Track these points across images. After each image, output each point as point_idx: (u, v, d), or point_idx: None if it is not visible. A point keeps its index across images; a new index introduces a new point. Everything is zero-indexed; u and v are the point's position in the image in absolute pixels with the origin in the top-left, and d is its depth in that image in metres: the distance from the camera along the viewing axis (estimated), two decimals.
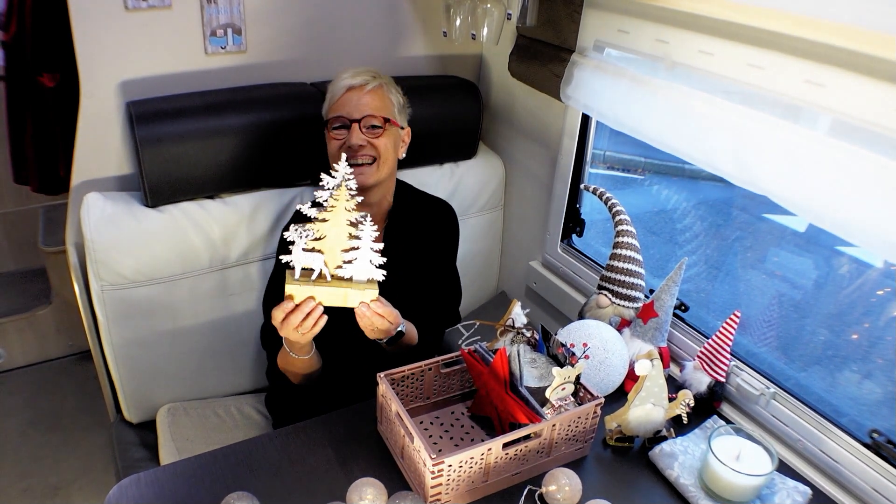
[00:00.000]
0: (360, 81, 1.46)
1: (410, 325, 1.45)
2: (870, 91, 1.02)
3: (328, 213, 1.15)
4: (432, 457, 1.07)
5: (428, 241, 1.60)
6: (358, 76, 1.46)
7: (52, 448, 2.34)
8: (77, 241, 1.64)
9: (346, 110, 1.45)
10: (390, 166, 1.50)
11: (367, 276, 1.20)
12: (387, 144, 1.46)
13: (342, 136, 1.46)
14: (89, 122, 1.59)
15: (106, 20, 1.52)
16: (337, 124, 1.46)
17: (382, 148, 1.46)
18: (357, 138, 1.44)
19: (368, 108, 1.45)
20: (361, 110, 1.45)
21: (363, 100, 1.45)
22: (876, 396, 1.36)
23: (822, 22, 1.04)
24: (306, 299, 1.18)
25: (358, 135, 1.44)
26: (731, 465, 1.16)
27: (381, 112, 1.46)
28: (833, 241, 1.51)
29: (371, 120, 1.45)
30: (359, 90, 1.45)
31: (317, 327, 1.22)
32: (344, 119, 1.45)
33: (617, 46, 1.51)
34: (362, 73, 1.47)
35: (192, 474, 1.20)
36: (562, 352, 1.26)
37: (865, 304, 1.47)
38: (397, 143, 1.52)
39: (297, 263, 1.17)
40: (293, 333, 1.21)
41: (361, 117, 1.44)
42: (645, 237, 1.58)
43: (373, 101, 1.45)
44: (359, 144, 1.44)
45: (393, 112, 1.49)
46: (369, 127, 1.45)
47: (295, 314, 1.18)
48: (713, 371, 1.40)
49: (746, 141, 1.19)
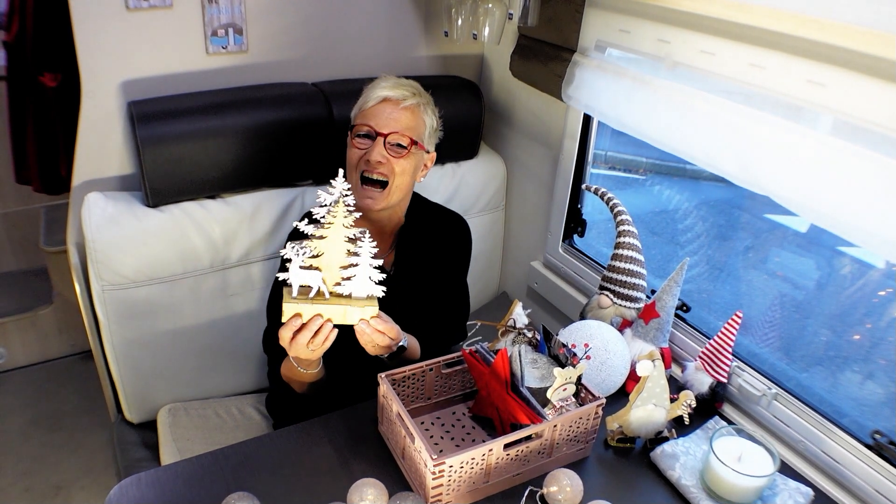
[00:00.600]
0: (397, 95, 1.39)
1: (413, 340, 1.41)
2: (872, 91, 1.02)
3: (325, 230, 1.13)
4: (433, 457, 1.07)
5: (439, 256, 1.56)
6: (398, 88, 1.40)
7: (54, 448, 2.34)
8: (78, 240, 1.64)
9: (375, 121, 1.39)
10: (403, 191, 1.44)
11: (366, 292, 1.18)
12: (405, 168, 1.40)
13: (365, 145, 1.40)
14: (90, 122, 1.59)
15: (107, 20, 1.52)
16: (362, 132, 1.40)
17: (399, 171, 1.39)
18: (378, 154, 1.37)
19: (399, 124, 1.38)
20: (391, 125, 1.38)
21: (395, 115, 1.38)
22: (878, 397, 1.35)
23: (825, 22, 1.04)
24: (314, 317, 1.16)
25: (380, 150, 1.37)
26: (732, 466, 1.15)
27: (410, 132, 1.39)
28: (834, 241, 1.51)
29: (397, 138, 1.38)
30: (394, 104, 1.39)
31: (327, 343, 1.20)
32: (371, 129, 1.39)
33: (618, 46, 1.51)
34: (403, 87, 1.41)
35: (192, 474, 1.20)
36: (563, 352, 1.26)
37: (867, 305, 1.47)
38: (418, 166, 1.46)
39: (295, 281, 1.15)
40: (304, 351, 1.19)
41: (389, 133, 1.38)
42: (646, 237, 1.58)
43: (405, 119, 1.39)
44: (377, 161, 1.38)
45: (423, 135, 1.43)
46: (394, 145, 1.39)
47: (303, 333, 1.16)
48: (715, 372, 1.40)
49: (748, 141, 1.19)
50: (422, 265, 1.53)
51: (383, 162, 1.38)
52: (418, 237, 1.54)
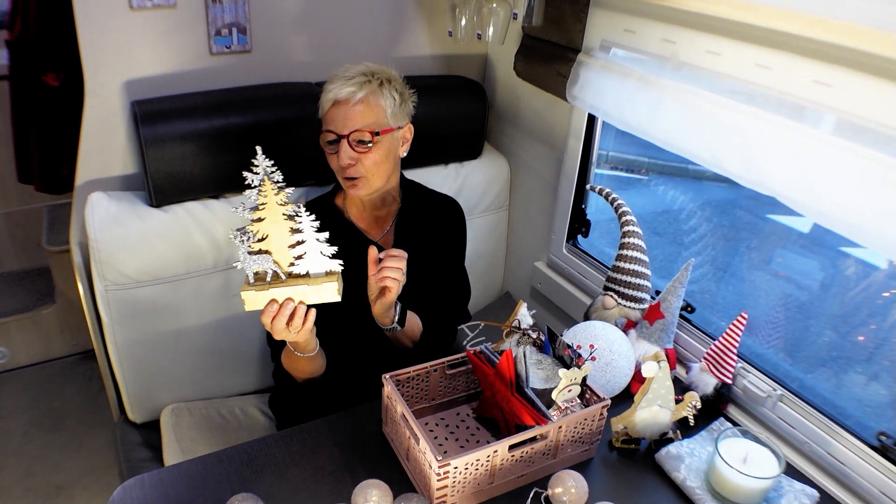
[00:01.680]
0: (345, 95, 1.38)
1: (413, 316, 1.48)
2: (879, 92, 1.01)
3: (262, 212, 1.10)
4: (438, 459, 1.06)
5: (437, 239, 1.60)
6: (345, 87, 1.39)
7: (56, 447, 2.34)
8: (81, 240, 1.64)
9: (334, 125, 1.40)
10: (384, 174, 1.46)
11: (323, 268, 1.15)
12: (376, 160, 1.42)
13: (334, 150, 1.42)
14: (93, 122, 1.59)
15: (110, 19, 1.52)
16: (328, 139, 1.42)
17: (370, 164, 1.41)
18: (345, 156, 1.39)
19: (356, 122, 1.39)
20: (348, 125, 1.39)
21: (349, 114, 1.39)
22: (882, 398, 1.35)
23: (832, 22, 1.04)
24: (285, 301, 1.16)
25: (346, 151, 1.39)
26: (738, 468, 1.15)
27: (369, 126, 1.39)
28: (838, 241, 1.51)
29: (358, 135, 1.39)
30: (345, 104, 1.39)
31: (308, 323, 1.19)
32: (332, 134, 1.41)
33: (623, 46, 1.50)
34: (350, 83, 1.39)
35: (195, 475, 1.19)
36: (568, 353, 1.26)
37: (871, 306, 1.47)
38: (393, 147, 1.46)
39: (248, 268, 1.13)
40: (287, 334, 1.20)
41: (349, 133, 1.39)
42: (649, 238, 1.57)
43: (359, 115, 1.39)
44: (348, 163, 1.40)
45: (384, 119, 1.42)
46: (357, 142, 1.40)
47: (278, 318, 1.16)
48: (720, 373, 1.40)
49: (754, 141, 1.19)
50: (421, 245, 1.54)
51: (353, 163, 1.41)
52: (416, 219, 1.57)
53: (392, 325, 1.43)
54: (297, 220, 1.12)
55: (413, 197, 1.60)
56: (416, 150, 1.59)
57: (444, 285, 1.62)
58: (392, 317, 1.42)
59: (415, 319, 1.51)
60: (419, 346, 1.52)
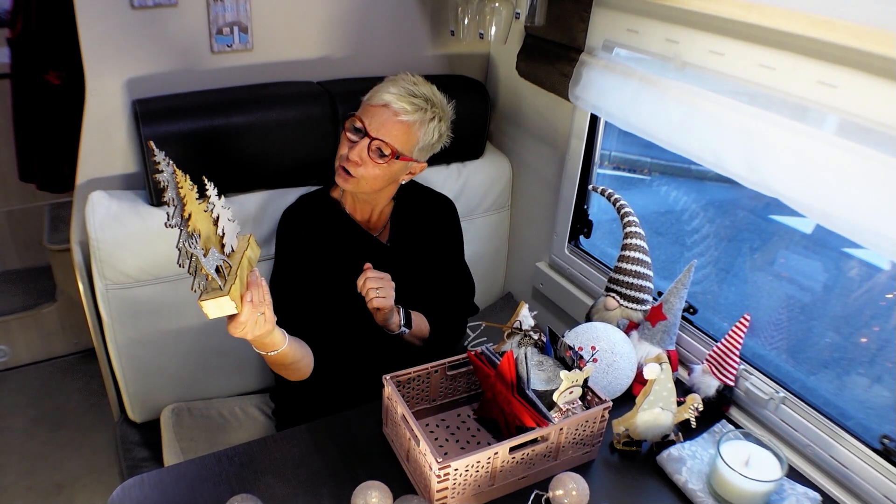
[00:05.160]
0: (398, 108, 1.38)
1: (419, 316, 1.49)
2: (883, 93, 1.01)
3: (188, 207, 1.00)
4: (438, 460, 1.06)
5: (434, 235, 1.60)
6: (402, 100, 1.38)
7: (57, 446, 2.34)
8: (82, 239, 1.63)
9: (369, 120, 1.40)
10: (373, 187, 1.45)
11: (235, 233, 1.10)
12: (376, 175, 1.41)
13: (355, 139, 1.41)
14: (95, 120, 1.59)
15: (112, 18, 1.51)
16: (356, 125, 1.41)
17: (369, 175, 1.41)
18: (357, 152, 1.39)
19: (388, 134, 1.39)
20: (380, 132, 1.38)
21: (389, 123, 1.39)
22: (885, 401, 1.34)
23: (836, 22, 1.03)
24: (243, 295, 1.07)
25: (361, 148, 1.39)
26: (740, 471, 1.15)
27: (396, 143, 1.39)
28: (840, 243, 1.50)
29: (381, 145, 1.39)
30: (391, 113, 1.39)
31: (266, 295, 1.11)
32: (363, 126, 1.40)
33: (626, 46, 1.50)
34: (409, 100, 1.39)
35: (195, 476, 1.19)
36: (569, 355, 1.25)
37: (874, 308, 1.46)
38: (399, 173, 1.47)
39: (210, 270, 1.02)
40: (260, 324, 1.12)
41: (375, 137, 1.39)
42: (652, 238, 1.57)
43: (396, 131, 1.39)
44: (355, 160, 1.39)
45: (412, 148, 1.43)
46: (376, 149, 1.40)
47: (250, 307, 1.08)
48: (722, 375, 1.39)
49: (757, 142, 1.18)
50: (416, 242, 1.56)
51: (359, 163, 1.40)
52: (411, 216, 1.58)
53: (399, 330, 1.44)
54: (208, 199, 1.04)
55: (409, 194, 1.61)
56: None
57: (447, 281, 1.63)
58: (398, 322, 1.44)
59: (420, 319, 1.52)
60: (429, 344, 1.53)
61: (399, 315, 1.45)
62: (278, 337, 1.23)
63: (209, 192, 1.05)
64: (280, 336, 1.24)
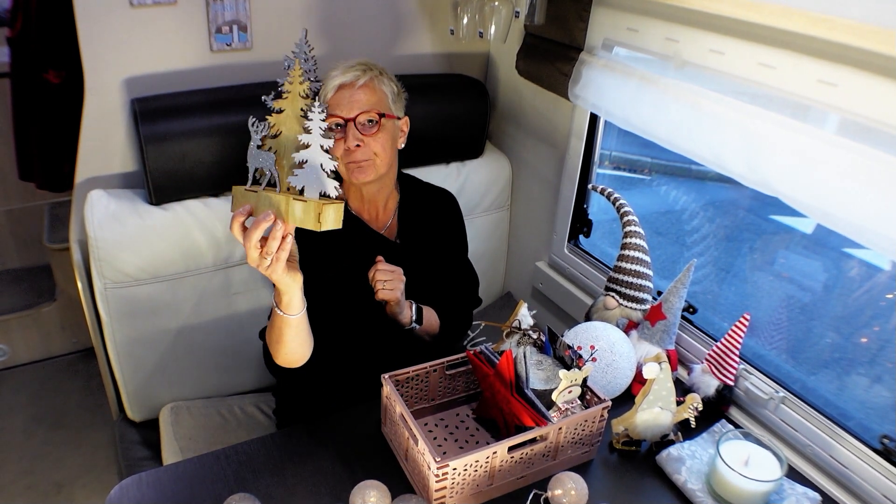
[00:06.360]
0: (350, 78, 1.40)
1: (429, 311, 1.51)
2: (884, 91, 1.00)
3: (284, 101, 0.99)
4: (437, 460, 1.06)
5: (439, 230, 1.61)
6: (348, 72, 1.41)
7: (56, 445, 2.34)
8: (81, 238, 1.63)
9: (339, 109, 1.40)
10: (388, 162, 1.46)
11: (319, 188, 1.06)
12: (384, 143, 1.42)
13: (341, 134, 1.41)
14: (94, 119, 1.59)
15: (111, 17, 1.51)
16: (337, 122, 1.41)
17: (379, 149, 1.41)
18: (353, 137, 1.39)
19: (361, 104, 1.40)
20: (354, 108, 1.39)
21: (355, 96, 1.40)
22: (885, 401, 1.34)
23: (836, 20, 1.03)
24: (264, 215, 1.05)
25: (353, 133, 1.39)
26: (739, 471, 1.14)
27: (375, 107, 1.41)
28: (841, 243, 1.50)
29: (365, 116, 1.40)
30: (350, 87, 1.40)
31: (283, 252, 1.09)
32: (339, 118, 1.40)
33: (626, 45, 1.49)
34: (352, 69, 1.42)
35: (193, 475, 1.19)
36: (569, 354, 1.25)
37: (874, 308, 1.46)
38: (395, 135, 1.48)
39: (250, 164, 1.01)
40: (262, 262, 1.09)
41: (356, 115, 1.39)
42: (652, 238, 1.57)
43: (365, 97, 1.40)
44: (355, 145, 1.39)
45: (387, 104, 1.44)
46: (364, 123, 1.40)
47: (252, 232, 1.06)
48: (721, 374, 1.39)
49: (757, 141, 1.18)
50: (424, 237, 1.56)
51: (361, 146, 1.40)
52: (416, 211, 1.58)
53: (411, 325, 1.45)
54: (310, 118, 1.01)
55: (411, 189, 1.61)
56: (418, 149, 1.58)
57: (454, 275, 1.64)
58: (409, 317, 1.45)
59: (431, 314, 1.53)
60: (438, 339, 1.55)
61: (411, 310, 1.45)
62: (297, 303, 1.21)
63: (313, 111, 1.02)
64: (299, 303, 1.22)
